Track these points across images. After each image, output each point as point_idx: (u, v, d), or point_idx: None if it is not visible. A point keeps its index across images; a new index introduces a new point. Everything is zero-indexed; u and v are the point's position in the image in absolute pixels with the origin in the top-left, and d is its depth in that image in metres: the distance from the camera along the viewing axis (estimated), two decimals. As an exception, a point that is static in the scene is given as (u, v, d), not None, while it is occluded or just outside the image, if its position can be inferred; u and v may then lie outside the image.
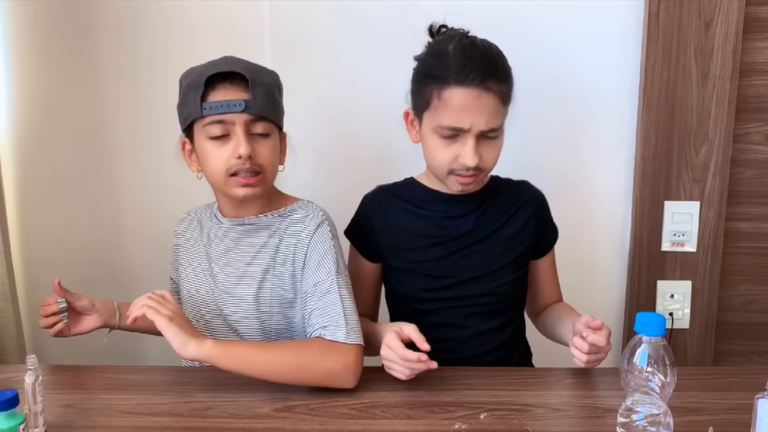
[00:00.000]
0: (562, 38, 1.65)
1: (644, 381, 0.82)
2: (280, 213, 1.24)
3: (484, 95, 1.14)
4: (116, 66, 1.69)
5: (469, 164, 1.16)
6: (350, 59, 1.68)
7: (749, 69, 1.65)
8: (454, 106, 1.14)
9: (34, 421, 0.97)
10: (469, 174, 1.19)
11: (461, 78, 1.13)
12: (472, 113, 1.14)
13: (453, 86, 1.14)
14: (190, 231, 1.32)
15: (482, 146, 1.17)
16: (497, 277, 1.28)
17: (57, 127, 1.73)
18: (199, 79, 1.14)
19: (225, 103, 1.13)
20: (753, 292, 1.76)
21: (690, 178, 1.68)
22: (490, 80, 1.14)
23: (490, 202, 1.29)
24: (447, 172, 1.20)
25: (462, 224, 1.28)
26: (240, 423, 1.02)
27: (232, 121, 1.14)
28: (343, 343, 1.12)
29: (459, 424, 1.02)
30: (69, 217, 1.77)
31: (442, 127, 1.16)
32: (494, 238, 1.28)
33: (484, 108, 1.14)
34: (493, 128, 1.16)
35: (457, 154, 1.17)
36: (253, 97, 1.14)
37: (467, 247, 1.28)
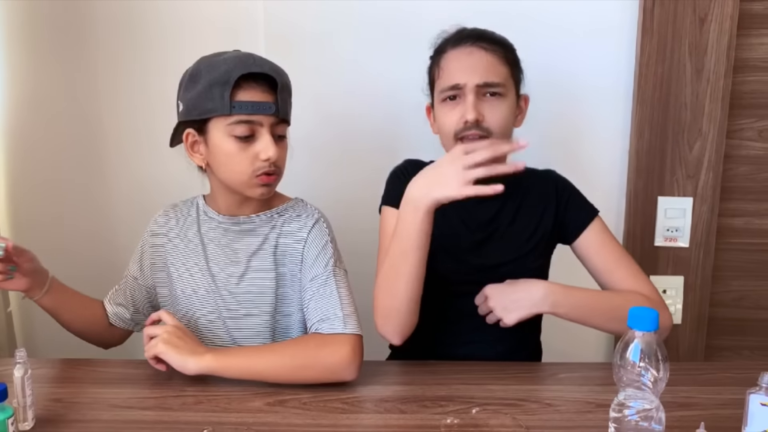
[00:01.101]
0: (556, 33, 1.65)
1: (637, 376, 0.82)
2: (277, 211, 1.24)
3: (476, 51, 1.19)
4: (110, 62, 1.68)
5: (468, 117, 1.16)
6: (344, 55, 1.68)
7: (743, 65, 1.65)
8: (450, 68, 1.20)
9: (23, 414, 0.96)
10: (476, 135, 1.17)
11: (456, 43, 1.21)
12: (465, 68, 1.18)
13: (449, 51, 1.22)
14: (178, 229, 1.27)
15: (483, 104, 1.18)
16: (519, 264, 1.27)
17: (50, 123, 1.71)
18: (227, 76, 1.10)
19: (256, 104, 1.11)
20: (745, 287, 1.76)
21: (683, 173, 1.68)
22: (483, 41, 1.20)
23: (513, 189, 1.24)
24: (455, 137, 1.19)
25: (486, 210, 1.28)
26: (231, 417, 1.02)
27: (260, 122, 1.13)
28: (340, 334, 1.12)
29: (451, 418, 1.01)
30: (61, 211, 1.76)
31: (443, 89, 1.20)
32: (517, 226, 1.28)
33: (477, 63, 1.18)
34: (489, 83, 1.18)
35: (460, 115, 1.18)
36: (281, 100, 1.14)
37: (491, 234, 1.28)
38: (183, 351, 1.10)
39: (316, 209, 1.26)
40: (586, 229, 1.27)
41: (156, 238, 1.29)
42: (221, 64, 1.12)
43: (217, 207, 1.25)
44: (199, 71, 1.14)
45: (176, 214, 1.29)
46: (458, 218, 1.28)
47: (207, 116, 1.13)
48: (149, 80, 1.67)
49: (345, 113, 1.70)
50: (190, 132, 1.17)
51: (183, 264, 1.25)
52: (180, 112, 1.18)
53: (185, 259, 1.25)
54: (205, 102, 1.12)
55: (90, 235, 1.76)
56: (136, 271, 1.30)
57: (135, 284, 1.30)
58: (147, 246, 1.29)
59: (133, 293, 1.29)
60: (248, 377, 1.10)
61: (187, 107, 1.15)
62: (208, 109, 1.12)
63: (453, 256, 1.27)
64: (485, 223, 1.28)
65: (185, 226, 1.27)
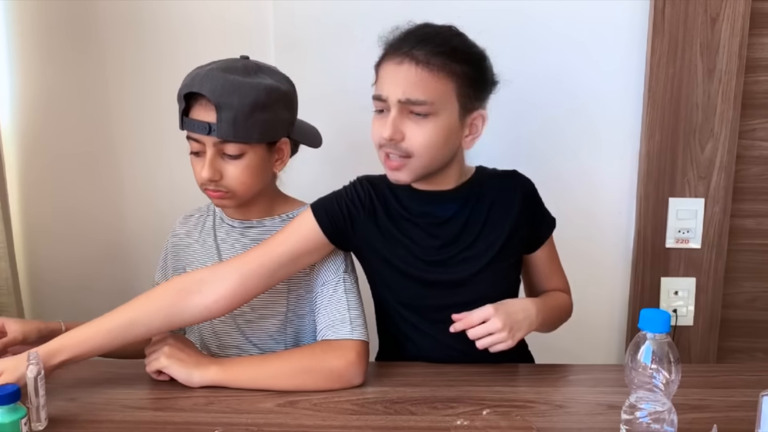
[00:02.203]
0: (567, 34, 1.65)
1: (648, 378, 0.82)
2: (289, 216, 1.25)
3: (405, 62, 1.05)
4: (120, 63, 1.69)
5: (384, 134, 1.06)
6: (354, 55, 1.67)
7: (755, 65, 1.64)
8: (380, 76, 1.11)
9: (37, 415, 0.97)
10: (396, 154, 1.08)
11: (393, 48, 1.09)
12: (390, 81, 1.07)
13: (385, 57, 1.10)
14: (197, 233, 1.30)
15: (406, 122, 1.07)
16: (487, 277, 1.19)
17: (61, 124, 1.73)
18: (181, 91, 1.14)
19: (194, 123, 1.13)
20: (757, 289, 1.75)
21: (695, 174, 1.67)
22: (421, 49, 1.05)
23: (476, 199, 1.19)
24: (378, 149, 1.12)
25: (449, 225, 1.19)
26: (242, 418, 1.02)
27: (203, 141, 1.15)
28: (347, 339, 1.12)
29: (461, 420, 1.01)
30: (73, 212, 1.77)
31: (373, 99, 1.11)
32: (482, 238, 1.19)
33: (403, 76, 1.05)
34: (413, 100, 1.05)
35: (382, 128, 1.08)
36: (218, 121, 1.11)
37: (454, 248, 1.19)
38: (188, 364, 1.11)
39: None
40: (545, 243, 1.29)
41: (177, 241, 1.31)
42: (187, 78, 1.15)
43: (226, 212, 1.27)
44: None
45: (196, 218, 1.32)
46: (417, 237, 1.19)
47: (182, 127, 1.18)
48: (159, 80, 1.68)
49: (354, 113, 1.70)
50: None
51: (202, 266, 1.26)
52: None
53: (204, 262, 1.26)
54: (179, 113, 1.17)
55: (102, 234, 1.77)
56: (161, 278, 1.32)
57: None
58: (170, 251, 1.32)
59: None
60: (254, 387, 1.10)
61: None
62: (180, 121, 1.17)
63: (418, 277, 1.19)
64: (446, 240, 1.19)
65: (204, 230, 1.29)
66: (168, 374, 1.12)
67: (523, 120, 1.65)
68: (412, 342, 1.24)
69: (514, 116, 1.54)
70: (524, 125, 1.66)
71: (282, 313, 1.22)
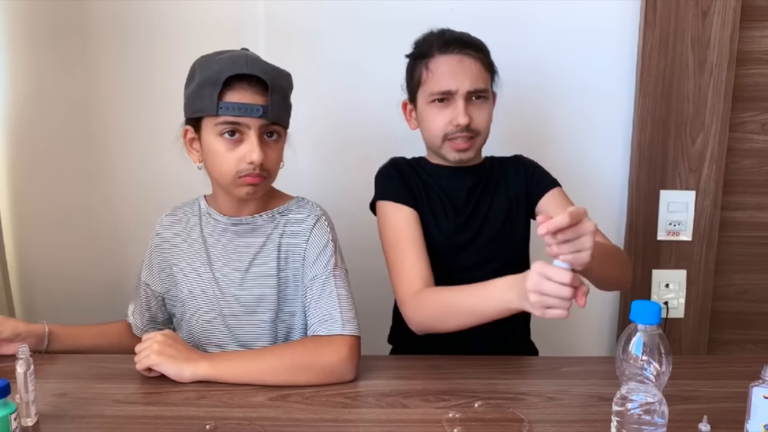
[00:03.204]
0: (558, 26, 1.65)
1: (639, 369, 0.82)
2: (279, 211, 1.24)
3: (465, 59, 1.26)
4: (112, 61, 1.68)
5: (461, 122, 1.25)
6: (345, 53, 1.67)
7: (746, 58, 1.64)
8: (440, 73, 1.26)
9: (26, 410, 0.96)
10: (464, 137, 1.26)
11: (443, 49, 1.27)
12: (456, 76, 1.25)
13: (437, 56, 1.27)
14: (182, 231, 1.27)
15: (472, 108, 1.27)
16: (498, 241, 1.34)
17: (52, 122, 1.71)
18: (218, 76, 1.10)
19: (243, 106, 1.10)
20: (748, 281, 1.76)
21: (686, 167, 1.67)
22: (470, 48, 1.27)
23: (488, 177, 1.37)
24: (442, 139, 1.28)
25: (470, 197, 1.34)
26: (234, 412, 1.02)
27: (248, 125, 1.12)
28: (339, 335, 1.12)
29: (453, 412, 1.01)
30: (64, 211, 1.76)
31: (433, 94, 1.27)
32: (500, 208, 1.35)
33: (467, 70, 1.26)
34: (479, 89, 1.26)
35: (450, 118, 1.26)
36: (271, 103, 1.12)
37: (474, 219, 1.34)
38: (178, 360, 1.10)
39: (318, 207, 1.26)
40: (544, 195, 1.34)
41: (162, 241, 1.28)
42: (214, 64, 1.11)
43: (218, 207, 1.24)
44: (194, 69, 1.15)
45: (180, 216, 1.29)
46: (438, 207, 1.33)
47: (198, 115, 1.14)
48: (151, 78, 1.67)
49: (345, 110, 1.70)
50: (187, 128, 1.19)
51: (189, 265, 1.25)
52: (184, 109, 1.19)
53: (190, 260, 1.25)
54: (196, 101, 1.13)
55: (93, 233, 1.76)
56: (147, 277, 1.30)
57: (149, 291, 1.30)
58: (154, 250, 1.29)
59: (148, 301, 1.30)
60: (245, 381, 1.10)
61: (185, 104, 1.17)
62: (199, 108, 1.13)
63: (442, 260, 1.31)
64: (464, 212, 1.34)
65: (188, 227, 1.27)
66: (159, 371, 1.11)
67: (515, 113, 1.65)
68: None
69: (506, 109, 1.53)
70: (516, 118, 1.67)
71: (272, 311, 1.21)
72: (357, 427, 0.98)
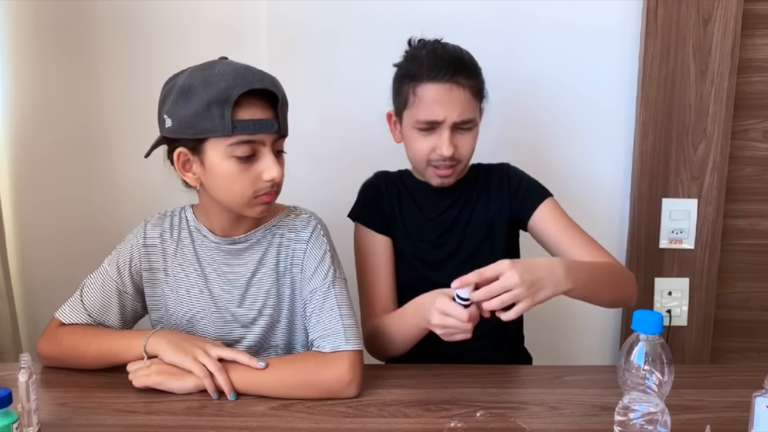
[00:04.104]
0: (559, 34, 1.65)
1: (641, 379, 0.82)
2: (273, 224, 1.20)
3: (455, 88, 1.22)
4: (112, 64, 1.69)
5: (445, 153, 1.23)
6: (347, 55, 1.68)
7: (748, 66, 1.64)
8: (428, 101, 1.22)
9: (28, 419, 0.96)
10: (446, 165, 1.25)
11: (433, 74, 1.22)
12: (444, 105, 1.21)
13: (426, 82, 1.22)
14: (176, 243, 1.21)
15: (457, 137, 1.24)
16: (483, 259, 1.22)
17: (53, 125, 1.72)
18: (227, 94, 1.03)
19: (259, 123, 1.05)
20: (751, 289, 1.76)
21: (688, 175, 1.67)
22: (461, 76, 1.22)
23: (471, 189, 1.35)
24: (425, 164, 1.27)
25: (449, 214, 1.34)
26: (236, 421, 1.02)
27: (262, 141, 1.07)
28: (342, 351, 1.10)
29: (455, 422, 1.01)
30: (65, 215, 1.76)
31: (419, 121, 1.23)
32: (479, 222, 1.34)
33: (456, 100, 1.22)
34: (466, 120, 1.23)
35: (434, 146, 1.24)
36: (281, 116, 1.09)
37: (454, 234, 1.34)
38: (180, 374, 1.09)
39: (312, 216, 1.23)
40: (536, 209, 1.31)
41: (150, 250, 1.21)
42: (218, 80, 1.04)
43: (210, 225, 1.19)
44: (192, 87, 1.05)
45: (167, 226, 1.22)
46: (422, 222, 1.35)
47: (204, 136, 1.06)
48: (152, 81, 1.66)
49: (347, 114, 1.70)
50: (181, 151, 1.10)
51: (180, 281, 1.21)
52: (168, 128, 1.09)
53: (185, 276, 1.21)
54: (202, 121, 1.04)
55: (94, 237, 1.76)
56: (116, 277, 1.20)
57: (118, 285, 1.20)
58: (141, 258, 1.21)
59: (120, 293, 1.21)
60: (247, 393, 1.09)
61: (179, 125, 1.07)
62: (206, 129, 1.05)
63: (418, 259, 1.34)
64: (447, 226, 1.34)
65: (179, 239, 1.21)
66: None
67: (516, 121, 1.65)
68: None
69: (506, 117, 1.54)
70: (517, 126, 1.67)
71: (269, 325, 1.20)
72: (359, 436, 0.98)
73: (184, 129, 1.07)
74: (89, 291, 1.20)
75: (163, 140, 1.14)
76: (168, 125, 1.09)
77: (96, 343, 1.15)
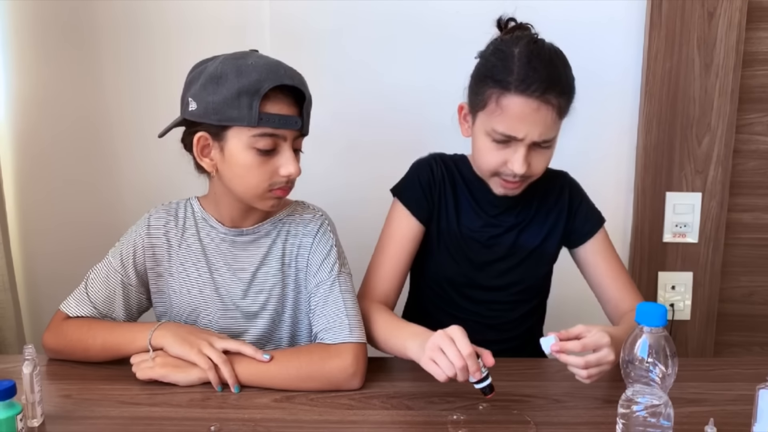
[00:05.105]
0: (563, 27, 1.62)
1: (645, 372, 0.82)
2: (280, 218, 1.21)
3: (543, 108, 1.11)
4: (116, 61, 1.69)
5: (518, 171, 1.14)
6: (350, 52, 1.68)
7: (752, 59, 1.64)
8: (511, 115, 1.11)
9: (32, 411, 0.96)
10: (515, 180, 1.17)
11: (523, 87, 1.10)
12: (528, 124, 1.11)
13: (513, 94, 1.11)
14: (181, 234, 1.21)
15: (532, 155, 1.15)
16: (530, 268, 1.29)
17: (56, 122, 1.72)
18: (258, 85, 1.04)
19: (284, 118, 1.07)
20: (754, 283, 1.75)
21: (692, 168, 1.67)
22: (551, 93, 1.11)
23: (531, 196, 1.27)
24: (493, 174, 1.19)
25: (506, 217, 1.29)
26: (239, 413, 1.02)
27: (285, 136, 1.08)
28: (346, 343, 1.11)
29: (458, 414, 1.01)
30: (68, 208, 1.76)
31: (496, 131, 1.13)
32: (534, 232, 1.29)
33: (540, 121, 1.11)
34: (547, 140, 1.14)
35: (506, 159, 1.15)
36: (305, 114, 1.10)
37: (505, 236, 1.28)
38: (184, 367, 1.09)
39: (319, 211, 1.24)
40: (591, 238, 1.29)
41: (154, 242, 1.20)
42: (251, 71, 1.05)
43: (218, 215, 1.19)
44: (225, 74, 1.05)
45: (174, 217, 1.22)
46: (473, 217, 1.29)
47: (228, 124, 1.06)
48: (155, 77, 1.68)
49: (351, 110, 1.70)
50: (202, 135, 1.10)
51: (185, 271, 1.20)
52: (192, 111, 1.08)
53: (188, 267, 1.20)
54: (229, 109, 1.05)
55: (97, 230, 1.76)
56: (120, 269, 1.19)
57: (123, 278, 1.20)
58: (146, 249, 1.20)
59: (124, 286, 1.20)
60: (251, 385, 1.10)
61: (204, 109, 1.07)
62: (232, 117, 1.05)
63: (464, 257, 1.28)
64: (499, 226, 1.29)
65: (184, 229, 1.21)
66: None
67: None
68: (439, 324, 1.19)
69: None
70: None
71: (274, 318, 1.20)
72: (362, 428, 0.98)
73: (210, 114, 1.07)
74: (94, 283, 1.20)
75: (183, 122, 1.14)
76: (192, 108, 1.09)
77: (101, 335, 1.15)
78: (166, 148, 1.19)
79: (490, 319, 1.30)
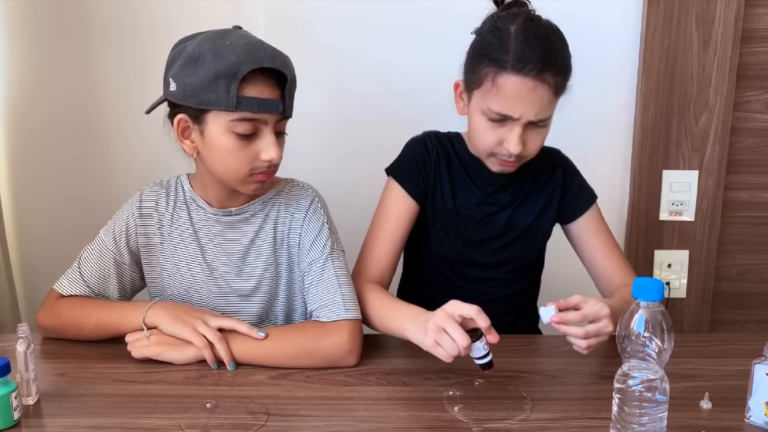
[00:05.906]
0: (561, 6, 1.62)
1: (641, 347, 0.82)
2: (270, 197, 1.20)
3: (539, 87, 1.09)
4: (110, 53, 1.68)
5: (513, 151, 1.13)
6: (343, 40, 1.66)
7: (751, 36, 1.63)
8: (507, 94, 1.10)
9: (27, 389, 0.96)
10: (511, 159, 1.17)
11: (519, 66, 1.08)
12: (524, 103, 1.10)
13: (509, 73, 1.09)
14: (168, 213, 1.20)
15: (528, 134, 1.14)
16: (523, 240, 1.30)
17: (51, 112, 1.71)
18: (236, 68, 1.00)
19: (264, 102, 1.03)
20: (750, 261, 1.76)
21: (689, 146, 1.66)
22: (548, 72, 1.09)
23: (525, 174, 1.27)
24: (488, 153, 1.19)
25: (500, 195, 1.28)
26: (235, 390, 1.02)
27: (265, 120, 1.06)
28: (341, 320, 1.11)
29: (454, 390, 1.01)
30: (62, 190, 1.75)
31: (492, 110, 1.12)
32: (528, 210, 1.29)
33: (537, 100, 1.10)
34: (543, 119, 1.13)
35: (501, 139, 1.14)
36: (288, 97, 1.07)
37: (499, 214, 1.28)
38: (179, 345, 1.09)
39: (309, 188, 1.23)
40: (583, 214, 1.29)
41: (146, 220, 1.20)
42: (229, 53, 1.01)
43: (206, 196, 1.18)
44: (202, 55, 1.02)
45: (165, 193, 1.21)
46: (468, 195, 1.28)
47: (206, 107, 1.04)
48: (146, 61, 1.65)
49: (346, 105, 1.69)
50: (182, 118, 1.07)
51: (177, 253, 1.20)
52: (172, 92, 1.06)
53: (180, 247, 1.20)
54: (206, 93, 1.02)
55: (91, 212, 1.75)
56: (113, 248, 1.19)
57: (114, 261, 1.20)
58: (139, 229, 1.20)
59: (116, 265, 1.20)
60: (247, 363, 1.09)
61: (183, 92, 1.04)
62: (209, 101, 1.03)
63: (459, 234, 1.28)
64: (494, 205, 1.28)
65: (175, 209, 1.20)
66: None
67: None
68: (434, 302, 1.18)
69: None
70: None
71: (268, 297, 1.20)
72: (358, 404, 0.98)
73: (188, 97, 1.04)
74: (87, 262, 1.20)
75: (167, 103, 1.12)
76: (172, 89, 1.06)
77: (95, 315, 1.15)
78: (158, 129, 1.17)
79: (484, 296, 1.29)
